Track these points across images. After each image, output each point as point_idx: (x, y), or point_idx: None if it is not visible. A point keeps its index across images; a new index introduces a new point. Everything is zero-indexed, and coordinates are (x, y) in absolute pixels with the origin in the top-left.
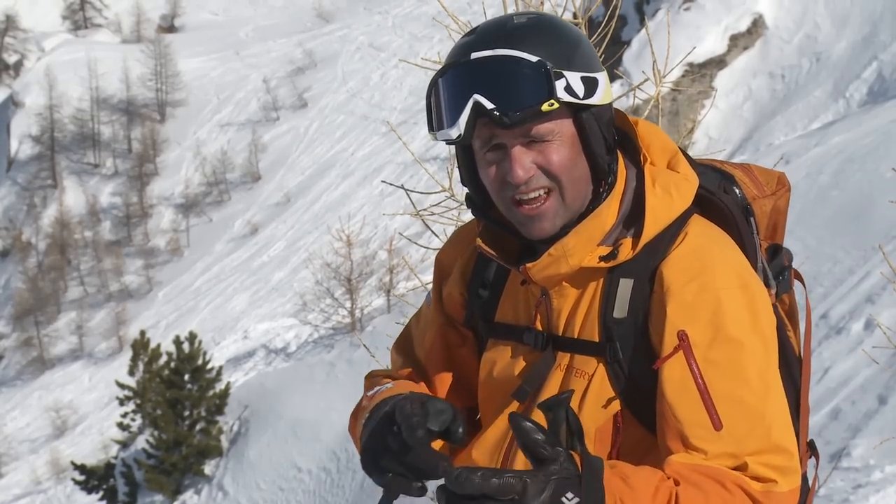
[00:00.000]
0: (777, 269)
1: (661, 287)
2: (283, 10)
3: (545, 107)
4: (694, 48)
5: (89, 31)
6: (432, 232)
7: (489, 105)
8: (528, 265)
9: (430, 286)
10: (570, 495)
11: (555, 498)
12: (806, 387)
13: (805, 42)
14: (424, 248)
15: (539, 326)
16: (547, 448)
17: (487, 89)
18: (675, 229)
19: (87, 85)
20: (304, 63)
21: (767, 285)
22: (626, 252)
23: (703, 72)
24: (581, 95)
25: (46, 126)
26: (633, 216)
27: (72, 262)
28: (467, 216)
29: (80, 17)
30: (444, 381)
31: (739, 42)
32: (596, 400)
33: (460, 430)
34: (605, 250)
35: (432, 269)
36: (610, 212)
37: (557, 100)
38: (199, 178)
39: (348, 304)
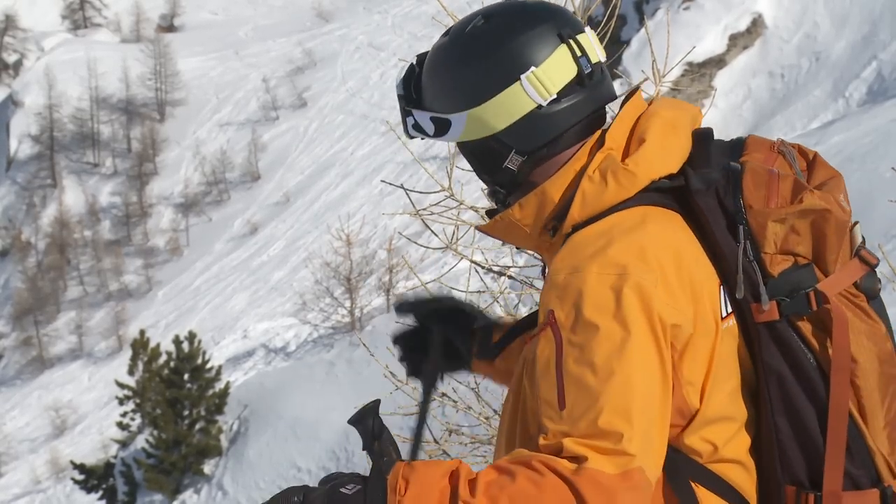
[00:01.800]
0: (787, 285)
1: (550, 265)
2: (283, 10)
3: (406, 135)
4: (693, 48)
5: (89, 31)
6: (432, 231)
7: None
8: (483, 226)
9: (428, 285)
10: (350, 486)
11: (333, 489)
12: (836, 416)
13: (804, 41)
14: (424, 247)
15: None
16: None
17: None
18: (605, 215)
19: (86, 84)
20: (304, 62)
21: (756, 298)
22: (562, 231)
23: (703, 71)
24: (431, 133)
25: (46, 125)
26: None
27: (71, 262)
28: (467, 216)
29: (79, 16)
30: None
31: (739, 41)
32: (531, 367)
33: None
34: (552, 224)
35: (431, 269)
36: (557, 189)
37: (408, 134)
38: (198, 178)
39: (348, 304)
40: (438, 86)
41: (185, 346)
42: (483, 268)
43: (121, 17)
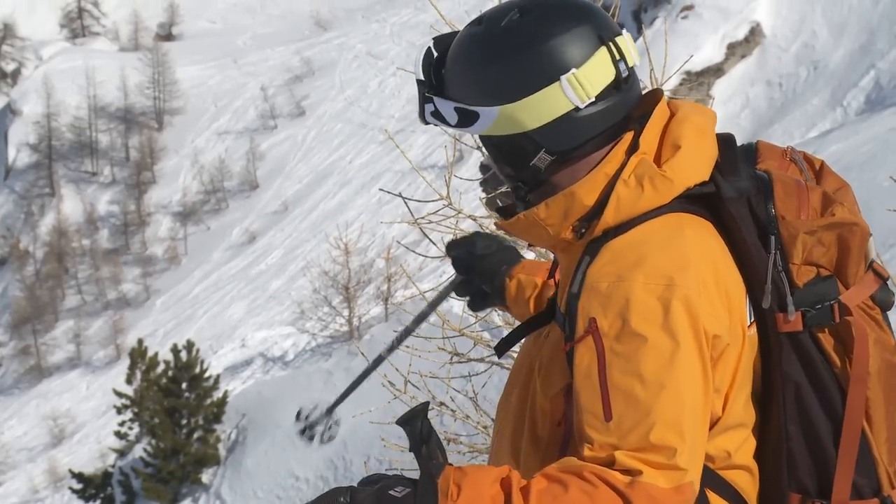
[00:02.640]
0: (813, 297)
1: (589, 271)
2: (281, 19)
3: (421, 120)
4: (691, 56)
5: (87, 40)
6: (430, 240)
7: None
8: (503, 222)
9: (427, 294)
10: (399, 488)
11: (381, 490)
12: (851, 427)
13: (802, 50)
14: (422, 256)
15: None
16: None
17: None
18: (641, 221)
19: (84, 93)
20: (302, 71)
21: (783, 308)
22: (591, 233)
23: (701, 80)
24: (453, 123)
25: (44, 134)
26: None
27: (69, 271)
28: (465, 224)
29: (77, 25)
30: None
31: (737, 50)
32: (553, 370)
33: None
34: (580, 227)
35: (430, 277)
36: (587, 191)
37: (424, 120)
38: (196, 187)
39: (346, 313)
40: (468, 77)
41: (184, 354)
42: None
43: (119, 25)
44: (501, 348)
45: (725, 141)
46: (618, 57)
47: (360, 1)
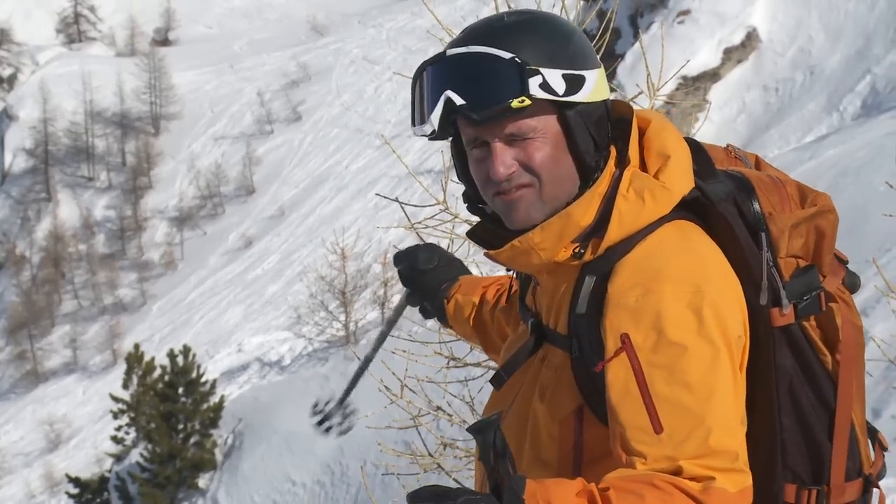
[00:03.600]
0: (801, 287)
1: (610, 289)
2: (278, 24)
3: (515, 103)
4: (688, 61)
5: (83, 45)
6: None
7: (460, 101)
8: (492, 252)
9: None
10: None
11: None
12: (843, 412)
13: (799, 55)
14: None
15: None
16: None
17: (459, 86)
18: (645, 233)
19: (81, 98)
20: (299, 76)
21: (777, 302)
22: (591, 252)
23: (697, 85)
24: (561, 93)
25: (40, 139)
26: (607, 218)
27: (66, 276)
28: (462, 229)
29: (74, 30)
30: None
31: (733, 55)
32: (559, 393)
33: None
34: (577, 248)
35: None
36: (583, 211)
37: (529, 97)
38: (193, 192)
39: (342, 317)
40: (559, 47)
41: (180, 359)
42: None
43: (115, 30)
44: (499, 381)
45: (694, 146)
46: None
47: (357, 6)
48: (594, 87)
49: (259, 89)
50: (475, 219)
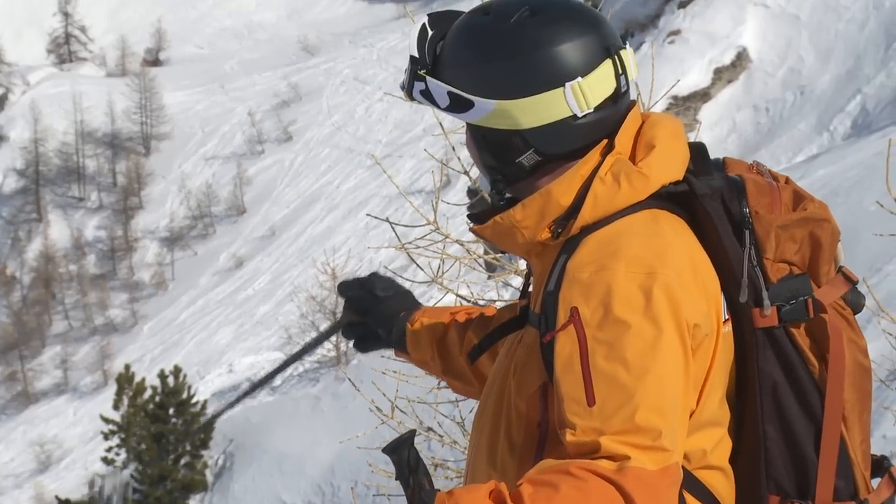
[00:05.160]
0: (787, 291)
1: (569, 264)
2: (268, 44)
3: (405, 94)
4: (678, 81)
5: (74, 65)
6: (417, 265)
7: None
8: (478, 227)
9: None
10: None
11: None
12: (830, 425)
13: (789, 75)
14: (409, 281)
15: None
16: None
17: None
18: (619, 217)
19: (71, 118)
20: (289, 96)
21: (758, 302)
22: (567, 232)
23: (688, 105)
24: (443, 106)
25: (31, 159)
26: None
27: (56, 296)
28: (452, 249)
29: (64, 50)
30: None
31: (724, 75)
32: (527, 370)
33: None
34: (556, 227)
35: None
36: (564, 190)
37: (410, 96)
38: (183, 212)
39: (333, 338)
40: (469, 66)
41: (171, 380)
42: (469, 302)
43: (106, 51)
44: (474, 354)
45: (697, 147)
46: (620, 71)
47: (348, 26)
48: (488, 117)
49: (250, 109)
50: (466, 239)
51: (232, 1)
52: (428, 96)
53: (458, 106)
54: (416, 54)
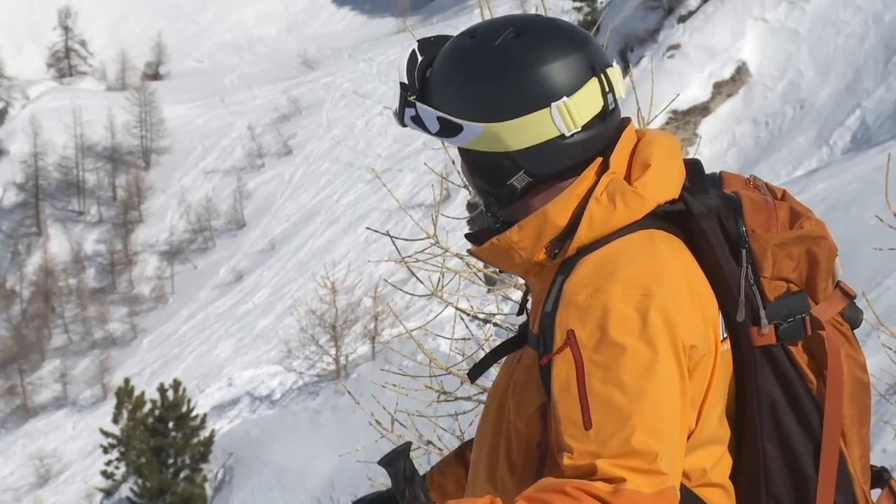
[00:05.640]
0: (784, 309)
1: (565, 286)
2: (268, 58)
3: (398, 121)
4: (678, 95)
5: (74, 79)
6: (417, 279)
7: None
8: (475, 248)
9: (414, 332)
10: None
11: None
12: (829, 441)
13: (789, 89)
14: (409, 294)
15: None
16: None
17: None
18: (615, 237)
19: (71, 132)
20: (289, 110)
21: (756, 321)
22: (565, 252)
23: (688, 119)
24: (433, 132)
25: (31, 173)
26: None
27: (56, 310)
28: (452, 263)
29: (64, 64)
30: None
31: (723, 89)
32: (526, 391)
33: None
34: (552, 248)
35: (417, 316)
36: (560, 211)
37: (402, 123)
38: (183, 226)
39: (333, 351)
40: (456, 90)
41: (170, 394)
42: (468, 315)
43: (106, 65)
44: (474, 373)
45: (693, 165)
46: (607, 89)
47: (347, 40)
48: (477, 140)
49: (250, 123)
50: (465, 253)
51: (232, 15)
52: (419, 122)
53: (447, 130)
54: (406, 80)
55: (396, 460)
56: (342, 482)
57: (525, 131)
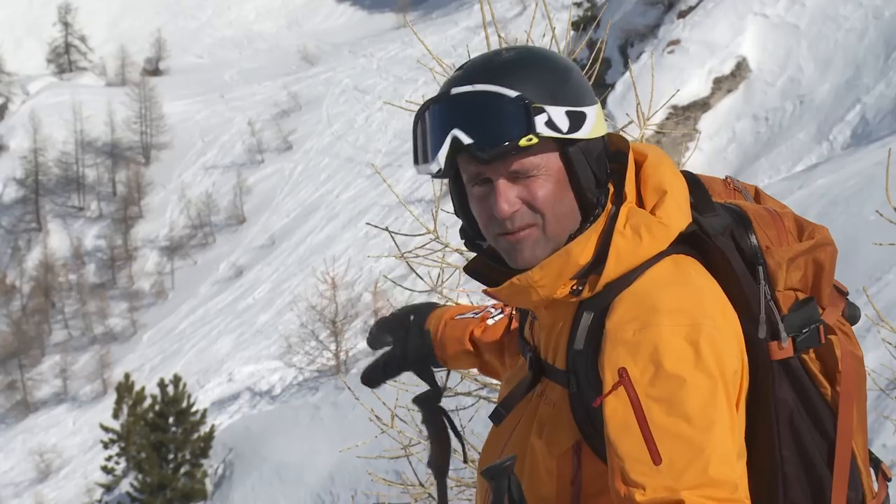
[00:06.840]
0: (800, 321)
1: (608, 324)
2: (268, 53)
3: (523, 142)
4: (678, 91)
5: (74, 75)
6: (417, 274)
7: (467, 140)
8: (491, 289)
9: None
10: None
11: None
12: (843, 444)
13: (788, 85)
14: (409, 290)
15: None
16: None
17: (466, 125)
18: (643, 269)
19: (71, 128)
20: (289, 106)
21: (776, 336)
22: (589, 289)
23: (688, 114)
24: (565, 130)
25: (31, 169)
26: (605, 255)
27: (56, 305)
28: (452, 258)
29: (64, 60)
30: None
31: (723, 85)
32: (557, 429)
33: None
34: (575, 285)
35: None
36: (582, 249)
37: (537, 135)
38: (183, 221)
39: (333, 347)
40: (560, 84)
41: (170, 389)
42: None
43: (106, 60)
44: (498, 417)
45: (692, 180)
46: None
47: (347, 36)
48: (594, 124)
49: (250, 119)
50: (465, 248)
51: (232, 11)
52: (552, 126)
53: (576, 123)
54: (517, 92)
55: (500, 476)
56: (342, 477)
57: (602, 118)
